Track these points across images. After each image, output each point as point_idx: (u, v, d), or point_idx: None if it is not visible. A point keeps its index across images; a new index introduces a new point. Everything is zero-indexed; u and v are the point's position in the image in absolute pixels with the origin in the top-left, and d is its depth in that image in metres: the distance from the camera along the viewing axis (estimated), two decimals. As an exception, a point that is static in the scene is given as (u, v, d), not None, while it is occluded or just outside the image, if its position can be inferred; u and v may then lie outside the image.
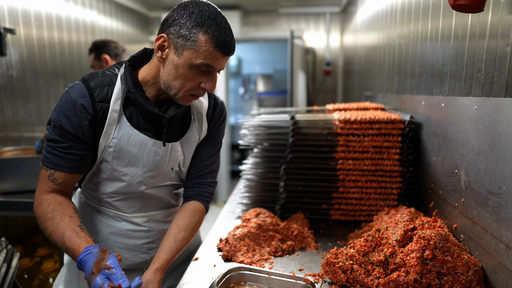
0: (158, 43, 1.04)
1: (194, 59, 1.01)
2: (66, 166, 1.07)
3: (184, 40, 0.99)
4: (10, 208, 2.13)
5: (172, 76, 1.05)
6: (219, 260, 1.30)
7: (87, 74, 1.12)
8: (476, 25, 1.12)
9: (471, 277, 0.99)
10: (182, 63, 1.02)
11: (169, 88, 1.07)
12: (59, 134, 1.05)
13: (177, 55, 1.02)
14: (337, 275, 1.10)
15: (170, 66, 1.04)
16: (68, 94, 1.06)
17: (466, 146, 1.12)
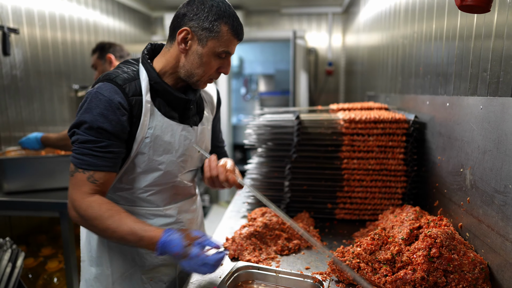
0: (181, 36, 1.11)
1: (217, 47, 1.12)
2: (105, 165, 1.09)
3: (208, 32, 1.10)
4: (14, 208, 2.14)
5: (196, 65, 1.14)
6: (226, 259, 1.31)
7: (105, 75, 1.12)
8: (481, 25, 1.13)
9: (477, 275, 1.00)
10: (206, 52, 1.12)
11: (192, 75, 1.17)
12: (95, 134, 1.06)
13: (201, 46, 1.12)
14: (344, 273, 1.11)
15: (194, 56, 1.13)
16: (99, 94, 1.07)
17: (471, 145, 1.12)
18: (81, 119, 1.06)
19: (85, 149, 1.06)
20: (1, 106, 2.39)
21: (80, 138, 1.06)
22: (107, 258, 1.23)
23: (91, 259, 1.25)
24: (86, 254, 1.26)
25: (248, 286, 1.09)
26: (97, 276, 1.24)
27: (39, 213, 2.17)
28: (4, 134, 2.42)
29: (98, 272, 1.24)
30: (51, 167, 2.22)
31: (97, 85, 1.09)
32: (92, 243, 1.24)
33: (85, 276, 1.26)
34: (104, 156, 1.08)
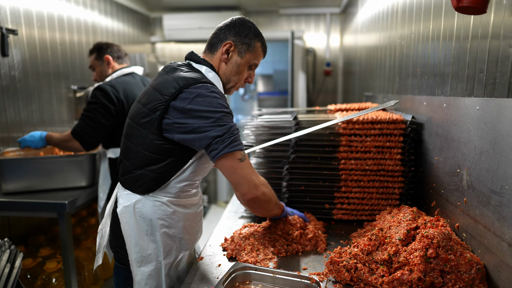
0: (225, 47, 1.32)
1: (252, 60, 1.36)
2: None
3: (247, 46, 1.34)
4: (12, 209, 2.14)
5: (234, 72, 1.35)
6: (224, 260, 1.31)
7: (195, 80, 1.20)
8: (478, 26, 1.13)
9: (474, 275, 1.00)
10: (243, 62, 1.35)
11: (229, 81, 1.37)
12: (232, 120, 1.20)
13: (239, 57, 1.34)
14: (341, 274, 1.11)
15: (233, 65, 1.34)
16: (215, 91, 1.19)
17: (468, 146, 1.13)
18: (220, 115, 1.16)
19: (238, 134, 1.19)
20: (0, 107, 2.39)
21: (232, 125, 1.18)
22: (159, 253, 1.26)
23: (140, 260, 1.26)
24: (134, 256, 1.26)
25: (245, 286, 1.09)
26: (150, 273, 1.26)
27: (37, 213, 2.17)
28: (2, 135, 2.42)
29: (151, 269, 1.26)
30: (49, 168, 2.22)
31: (204, 86, 1.18)
32: (141, 243, 1.25)
33: (136, 279, 1.26)
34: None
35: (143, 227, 1.25)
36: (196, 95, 1.15)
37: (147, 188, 1.25)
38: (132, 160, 1.27)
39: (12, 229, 2.46)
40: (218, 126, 1.15)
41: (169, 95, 1.18)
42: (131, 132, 1.28)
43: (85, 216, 2.93)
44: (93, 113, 2.16)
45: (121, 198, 1.30)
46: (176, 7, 4.81)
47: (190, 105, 1.15)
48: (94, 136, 2.17)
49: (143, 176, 1.25)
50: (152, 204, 1.26)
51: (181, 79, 1.20)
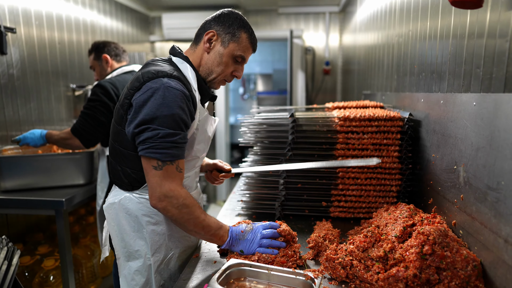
0: (207, 36, 1.29)
1: (236, 51, 1.29)
2: (183, 154, 1.19)
3: (230, 36, 1.28)
4: (10, 206, 2.14)
5: (216, 63, 1.30)
6: (216, 254, 1.32)
7: (159, 72, 1.16)
8: (475, 22, 1.13)
9: (470, 272, 0.99)
10: (226, 52, 1.29)
11: (211, 72, 1.31)
12: (175, 126, 1.13)
13: (223, 46, 1.29)
14: (337, 270, 1.11)
15: (215, 55, 1.29)
16: (170, 88, 1.13)
17: (465, 142, 1.12)
18: (158, 114, 1.11)
19: (168, 143, 1.12)
20: (-3, 105, 2.39)
21: (161, 132, 1.11)
22: (147, 250, 1.26)
23: (127, 255, 1.26)
24: (121, 251, 1.27)
25: (240, 283, 1.09)
26: (137, 269, 1.25)
27: (35, 211, 2.16)
28: (1, 134, 2.42)
29: (138, 265, 1.25)
30: (47, 166, 2.22)
31: (161, 80, 1.14)
32: (127, 239, 1.26)
33: (123, 272, 1.27)
34: (182, 146, 1.17)
35: (130, 224, 1.26)
36: (148, 89, 1.14)
37: (131, 185, 1.27)
38: (114, 157, 1.29)
39: (10, 227, 2.46)
40: (148, 129, 1.12)
41: (133, 90, 1.18)
42: (112, 129, 1.30)
43: (84, 215, 2.92)
44: (92, 111, 2.16)
45: (110, 194, 1.33)
46: (175, 6, 4.80)
47: (140, 98, 1.14)
48: (94, 133, 2.17)
49: (124, 173, 1.26)
50: (137, 201, 1.26)
51: (146, 73, 1.18)
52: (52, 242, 2.54)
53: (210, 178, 1.67)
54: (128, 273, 1.26)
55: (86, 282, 2.56)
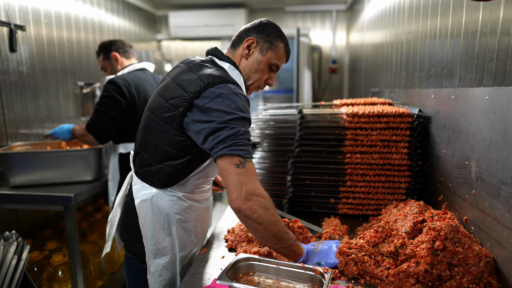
0: (247, 43, 1.32)
1: (273, 59, 1.33)
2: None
3: (269, 44, 1.32)
4: (20, 202, 2.16)
5: (254, 69, 1.33)
6: (224, 249, 1.32)
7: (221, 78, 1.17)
8: (487, 18, 1.11)
9: (483, 268, 0.98)
10: (264, 60, 1.32)
11: (248, 78, 1.34)
12: (246, 125, 1.16)
13: (261, 54, 1.32)
14: (350, 267, 1.10)
15: (253, 62, 1.33)
16: (237, 91, 1.16)
17: (477, 137, 1.11)
18: (234, 115, 1.12)
19: (246, 140, 1.13)
20: (8, 102, 2.41)
21: (241, 130, 1.12)
22: (175, 246, 1.28)
23: (155, 252, 1.27)
24: (150, 248, 1.27)
25: (249, 277, 1.08)
26: (165, 265, 1.27)
27: (44, 206, 2.18)
28: (10, 130, 2.44)
29: (165, 261, 1.27)
30: (56, 162, 2.23)
31: (226, 86, 1.15)
32: (157, 236, 1.26)
33: (151, 270, 1.28)
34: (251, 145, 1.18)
35: (160, 221, 1.26)
36: (217, 95, 1.14)
37: (165, 183, 1.25)
38: (152, 153, 1.26)
39: (19, 223, 2.48)
40: (227, 127, 1.11)
41: (193, 93, 1.15)
42: (151, 125, 1.26)
43: (91, 212, 2.94)
44: (104, 107, 2.19)
45: (137, 191, 1.29)
46: (181, 4, 4.82)
47: (210, 103, 1.13)
48: (107, 129, 2.20)
49: (162, 170, 1.24)
50: (169, 198, 1.26)
51: (206, 77, 1.17)
52: (60, 238, 2.56)
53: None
54: (156, 270, 1.27)
55: (94, 278, 2.57)
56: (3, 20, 2.34)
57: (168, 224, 1.27)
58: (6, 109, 2.40)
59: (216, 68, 1.25)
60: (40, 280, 2.23)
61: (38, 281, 2.22)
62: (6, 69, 2.40)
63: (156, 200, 1.26)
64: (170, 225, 1.27)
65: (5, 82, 2.39)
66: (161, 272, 1.27)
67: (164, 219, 1.26)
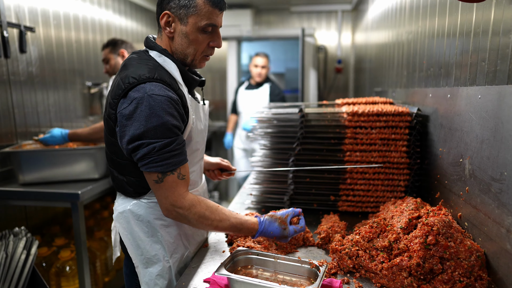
0: (163, 20, 1.15)
1: (199, 22, 1.13)
2: (185, 158, 1.13)
3: (186, 9, 1.12)
4: (29, 198, 2.22)
5: (185, 45, 1.17)
6: (224, 244, 1.36)
7: (140, 76, 1.08)
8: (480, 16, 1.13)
9: (474, 262, 1.00)
10: (190, 30, 1.14)
11: (186, 56, 1.19)
12: (170, 135, 1.07)
13: (183, 25, 1.14)
14: (344, 261, 1.13)
15: (180, 37, 1.16)
16: (154, 96, 1.05)
17: (470, 135, 1.13)
18: (148, 126, 1.04)
19: (166, 153, 1.07)
20: (18, 102, 2.48)
21: (156, 145, 1.05)
22: (164, 253, 1.22)
23: (145, 261, 1.22)
24: (138, 258, 1.22)
25: (247, 270, 1.12)
26: (159, 273, 1.21)
27: (52, 203, 2.24)
28: (20, 130, 2.52)
29: (158, 269, 1.21)
30: (64, 160, 2.30)
31: (143, 88, 1.06)
32: (142, 246, 1.21)
33: (144, 280, 1.22)
34: (182, 151, 1.11)
35: (143, 230, 1.22)
36: (132, 100, 1.05)
37: (137, 192, 1.21)
38: (114, 167, 1.22)
39: (28, 220, 2.55)
40: (142, 145, 1.06)
41: (116, 99, 1.09)
42: (105, 139, 1.23)
43: (99, 209, 3.01)
44: None
45: (116, 203, 1.27)
46: (188, 5, 4.86)
47: (125, 110, 1.06)
48: None
49: (128, 182, 1.20)
50: (147, 205, 1.22)
51: (126, 78, 1.08)
52: (68, 235, 2.62)
53: (211, 175, 1.62)
54: (150, 279, 1.22)
55: (100, 274, 2.63)
56: (13, 22, 2.41)
57: (152, 231, 1.22)
58: (17, 109, 2.47)
59: (144, 62, 1.14)
60: (48, 275, 2.30)
61: (46, 276, 2.29)
62: (16, 70, 2.47)
63: (135, 210, 1.21)
64: (155, 232, 1.22)
65: (15, 83, 2.46)
66: (156, 281, 1.22)
67: (146, 227, 1.21)
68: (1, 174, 2.37)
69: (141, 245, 1.21)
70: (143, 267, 1.22)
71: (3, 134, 2.38)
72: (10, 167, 2.39)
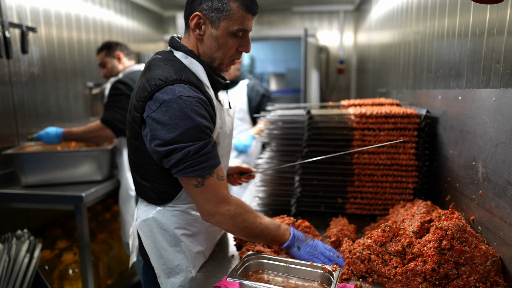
0: (194, 22, 1.11)
1: (231, 27, 1.10)
2: (219, 160, 1.11)
3: (218, 13, 1.08)
4: (32, 201, 2.20)
5: (214, 48, 1.13)
6: (232, 247, 1.35)
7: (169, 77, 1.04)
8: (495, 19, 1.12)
9: (489, 267, 0.99)
10: (221, 34, 1.11)
11: (213, 60, 1.16)
12: (203, 136, 1.05)
13: (214, 28, 1.11)
14: (356, 265, 1.11)
15: (210, 40, 1.13)
16: (184, 97, 1.02)
17: (484, 138, 1.12)
18: (181, 130, 1.01)
19: (202, 156, 1.04)
20: (20, 102, 2.46)
21: (192, 149, 1.02)
22: (188, 263, 1.18)
23: (168, 271, 1.18)
24: (160, 268, 1.18)
25: (258, 275, 1.10)
26: (181, 284, 1.18)
27: (55, 206, 2.22)
28: (22, 130, 2.49)
29: (181, 280, 1.18)
30: (67, 162, 2.27)
31: (172, 90, 1.02)
32: (165, 255, 1.18)
33: None
34: (215, 152, 1.09)
35: (166, 239, 1.17)
36: (161, 103, 1.01)
37: (161, 199, 1.17)
38: (137, 172, 1.19)
39: (30, 222, 2.53)
40: (176, 150, 1.02)
41: (143, 101, 1.05)
42: (128, 143, 1.20)
43: (100, 211, 2.99)
44: (120, 103, 2.29)
45: (139, 210, 1.23)
46: (189, 6, 4.85)
47: (154, 113, 1.02)
48: (124, 122, 2.29)
49: (152, 188, 1.16)
50: (171, 214, 1.18)
51: (152, 80, 1.05)
52: (70, 237, 2.60)
53: (231, 180, 1.61)
54: None
55: (103, 277, 2.61)
56: (15, 22, 2.39)
57: (176, 241, 1.18)
58: (18, 109, 2.45)
59: (168, 64, 1.10)
60: (52, 278, 2.27)
61: (49, 279, 2.27)
62: (18, 71, 2.45)
63: (158, 218, 1.17)
64: (178, 242, 1.18)
65: (17, 83, 2.44)
66: None
67: (170, 236, 1.17)
68: (3, 176, 2.35)
69: (164, 254, 1.17)
70: (165, 277, 1.18)
71: (4, 135, 2.36)
72: (13, 169, 2.37)
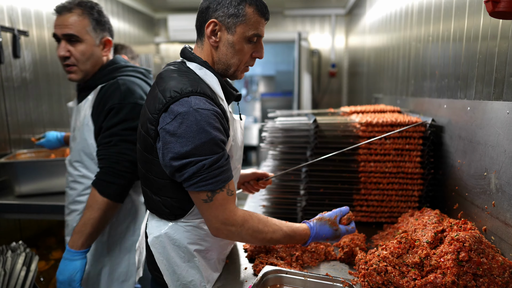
0: (209, 29, 1.10)
1: (247, 32, 1.10)
2: (231, 174, 1.09)
3: (234, 18, 1.08)
4: (24, 211, 2.13)
5: (230, 55, 1.12)
6: (244, 260, 1.33)
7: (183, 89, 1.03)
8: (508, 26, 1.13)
9: (507, 279, 1.00)
10: (237, 39, 1.10)
11: (229, 67, 1.15)
12: (217, 150, 1.03)
13: (230, 34, 1.09)
14: (373, 277, 1.11)
15: (226, 47, 1.11)
16: (200, 110, 1.00)
17: (496, 150, 1.13)
18: (196, 143, 0.99)
19: (215, 170, 1.03)
20: (11, 108, 2.38)
21: (206, 163, 1.01)
22: (201, 278, 1.16)
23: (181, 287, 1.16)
24: (174, 284, 1.16)
25: (277, 290, 1.09)
26: None
27: (49, 216, 2.16)
28: (14, 136, 2.41)
29: None
30: (62, 171, 2.21)
31: (188, 102, 1.00)
32: (178, 271, 1.15)
33: None
34: (229, 166, 1.07)
35: (179, 255, 1.15)
36: (177, 115, 1.00)
37: (174, 214, 1.15)
38: (148, 186, 1.17)
39: (23, 231, 2.45)
40: (190, 164, 1.01)
41: (157, 113, 1.04)
42: (139, 157, 1.17)
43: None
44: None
45: (150, 225, 1.20)
46: (180, 7, 4.80)
47: (169, 126, 1.00)
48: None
49: (164, 203, 1.14)
50: (184, 229, 1.15)
51: (167, 92, 1.03)
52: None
53: (248, 188, 1.59)
54: None
55: None
56: (7, 26, 2.31)
57: (189, 257, 1.15)
58: (10, 116, 2.37)
59: (182, 75, 1.08)
60: (47, 290, 2.21)
61: (45, 291, 2.20)
62: (10, 76, 2.37)
63: (171, 233, 1.14)
64: (191, 258, 1.15)
65: (8, 88, 2.36)
66: None
67: (183, 252, 1.15)
68: (-5, 185, 2.27)
69: (177, 270, 1.15)
70: None
71: (-4, 143, 2.28)
72: (5, 177, 2.29)
